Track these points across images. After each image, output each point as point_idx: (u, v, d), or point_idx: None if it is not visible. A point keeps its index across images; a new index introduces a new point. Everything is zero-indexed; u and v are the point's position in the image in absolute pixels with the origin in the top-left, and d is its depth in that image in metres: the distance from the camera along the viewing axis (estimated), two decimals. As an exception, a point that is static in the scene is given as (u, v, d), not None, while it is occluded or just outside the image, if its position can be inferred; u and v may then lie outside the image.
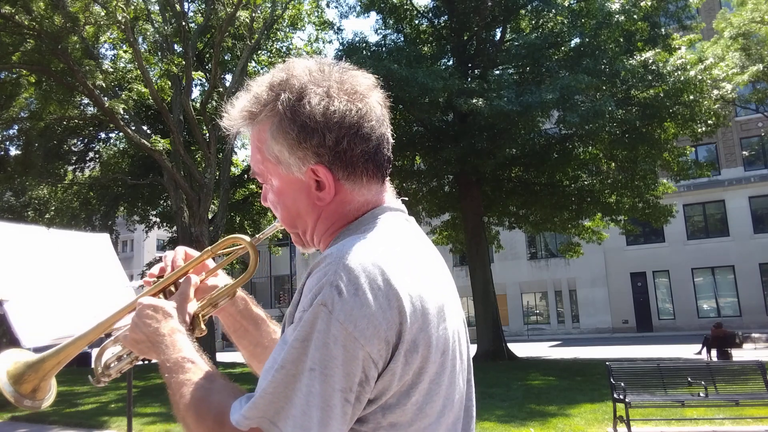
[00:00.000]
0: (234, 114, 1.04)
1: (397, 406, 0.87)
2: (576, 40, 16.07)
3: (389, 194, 1.06)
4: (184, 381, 0.95)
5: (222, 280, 1.25)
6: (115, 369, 1.21)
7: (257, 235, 1.20)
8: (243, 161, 26.49)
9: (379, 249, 0.90)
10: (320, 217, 1.02)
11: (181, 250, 1.22)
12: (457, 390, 0.97)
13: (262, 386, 0.85)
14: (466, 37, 17.78)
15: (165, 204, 22.86)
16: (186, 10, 18.28)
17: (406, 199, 1.13)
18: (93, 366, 1.23)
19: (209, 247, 1.20)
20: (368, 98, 0.99)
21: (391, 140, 1.05)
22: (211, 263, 1.24)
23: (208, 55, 20.10)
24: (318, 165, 0.96)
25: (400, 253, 0.93)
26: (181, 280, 1.17)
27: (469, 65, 17.56)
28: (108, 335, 1.22)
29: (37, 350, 1.16)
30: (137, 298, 1.13)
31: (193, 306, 1.13)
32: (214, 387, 0.93)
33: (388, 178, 1.06)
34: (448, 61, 18.34)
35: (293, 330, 0.85)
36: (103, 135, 23.17)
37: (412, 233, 1.02)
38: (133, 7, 15.49)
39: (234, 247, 1.20)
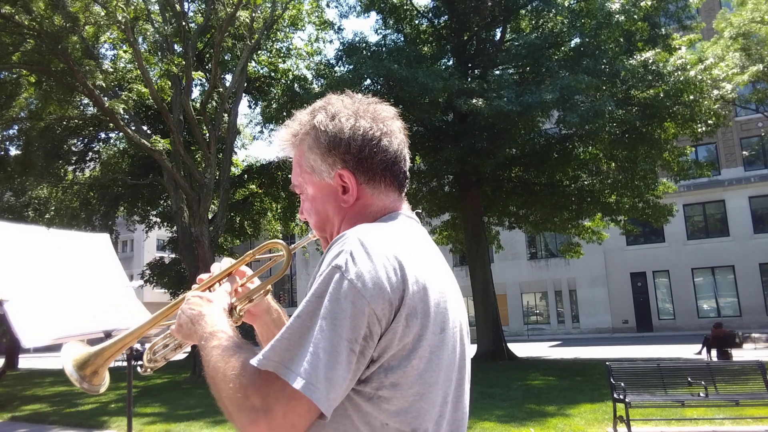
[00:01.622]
0: (282, 136, 1.25)
1: (398, 368, 0.98)
2: (576, 40, 16.06)
3: (405, 205, 1.23)
4: (216, 345, 1.07)
5: (257, 284, 1.41)
6: (161, 356, 1.37)
7: (294, 244, 1.37)
8: (243, 161, 26.50)
9: (391, 233, 1.07)
10: (345, 218, 1.18)
11: (227, 259, 1.39)
12: (456, 374, 1.09)
13: (280, 333, 0.97)
14: (466, 37, 17.78)
15: (165, 204, 22.85)
16: (186, 10, 18.27)
17: (420, 211, 1.27)
18: (143, 359, 1.38)
19: (250, 252, 1.37)
20: (389, 122, 1.19)
21: (409, 161, 1.23)
22: (248, 271, 1.40)
23: (208, 55, 20.09)
24: (344, 169, 1.15)
25: (410, 242, 1.08)
26: (225, 280, 1.34)
27: (469, 65, 17.56)
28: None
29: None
30: (187, 293, 1.28)
31: (232, 298, 1.29)
32: (242, 350, 1.04)
33: (404, 193, 1.23)
34: (448, 61, 18.34)
35: (311, 289, 0.99)
36: (103, 135, 23.15)
37: (421, 235, 1.17)
38: (133, 7, 15.48)
39: (273, 253, 1.37)
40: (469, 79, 15.49)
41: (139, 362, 1.39)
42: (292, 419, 0.92)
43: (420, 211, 1.28)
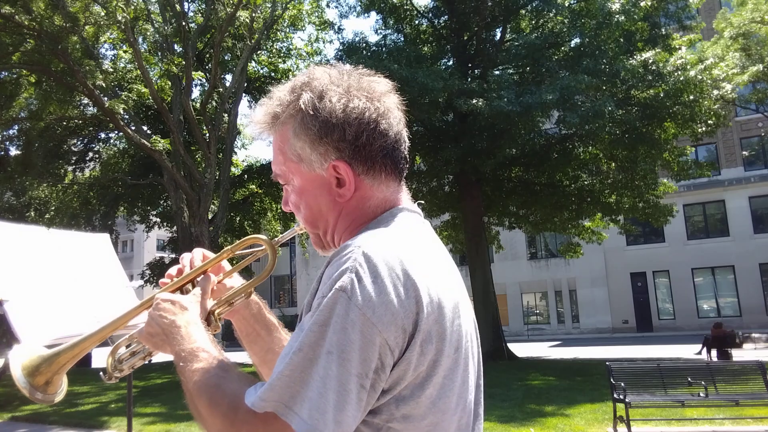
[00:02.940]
0: (258, 117, 1.07)
1: (411, 398, 0.88)
2: (576, 40, 16.06)
3: (406, 195, 1.08)
4: (197, 369, 0.95)
5: (237, 282, 1.27)
6: (127, 364, 1.22)
7: (277, 238, 1.22)
8: (243, 161, 26.51)
9: (398, 242, 0.94)
10: (341, 214, 1.04)
11: (198, 252, 1.23)
12: (469, 390, 0.99)
13: (278, 369, 0.85)
14: (466, 37, 17.77)
15: (165, 204, 22.86)
16: (186, 10, 18.28)
17: (422, 202, 1.16)
18: (106, 364, 1.23)
19: (229, 247, 1.21)
20: (386, 99, 1.03)
21: (407, 141, 1.08)
22: (227, 265, 1.25)
23: (208, 55, 20.10)
24: (339, 161, 0.99)
25: (418, 249, 0.95)
26: (198, 279, 1.18)
27: (469, 65, 17.56)
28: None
29: (48, 346, 1.17)
30: (155, 294, 1.13)
31: (209, 303, 1.15)
32: (228, 375, 0.93)
33: (404, 181, 1.09)
34: (448, 61, 18.33)
35: (311, 315, 0.86)
36: (103, 135, 23.18)
37: (427, 234, 1.04)
38: (133, 7, 15.49)
39: (254, 248, 1.22)
40: (469, 79, 15.48)
41: (101, 369, 1.25)
42: None
43: (423, 202, 1.14)
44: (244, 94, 20.32)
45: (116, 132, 20.87)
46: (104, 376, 1.22)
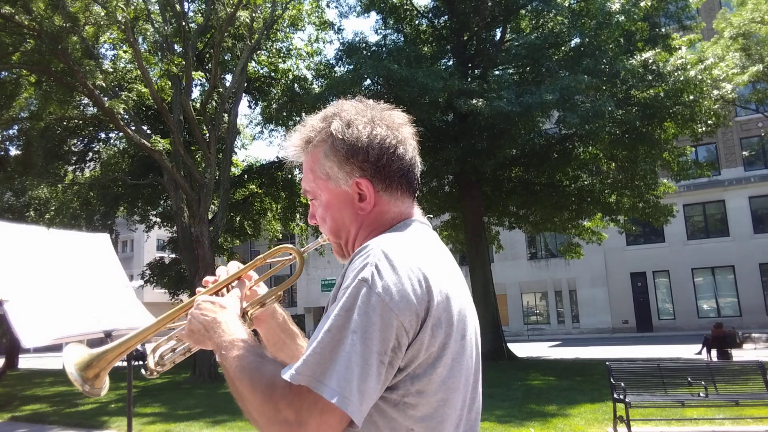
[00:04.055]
0: (294, 142, 1.24)
1: (424, 376, 1.02)
2: (576, 40, 16.06)
3: (418, 210, 1.25)
4: (237, 356, 1.07)
5: (262, 291, 1.41)
6: (169, 360, 1.35)
7: (305, 247, 1.38)
8: (243, 161, 26.51)
9: (411, 242, 1.10)
10: (362, 225, 1.20)
11: (233, 263, 1.38)
12: (473, 377, 1.13)
13: (311, 347, 0.98)
14: (466, 37, 17.77)
15: (165, 204, 22.85)
16: (186, 10, 18.27)
17: (431, 216, 1.26)
18: (147, 360, 1.36)
19: (261, 255, 1.38)
20: (403, 129, 1.21)
21: (420, 166, 1.25)
22: (255, 275, 1.38)
23: (208, 55, 20.09)
24: (362, 178, 1.16)
25: (428, 250, 1.11)
26: (233, 284, 1.33)
27: (469, 65, 17.56)
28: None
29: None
30: (194, 297, 1.26)
31: (243, 303, 1.29)
32: (265, 360, 1.06)
33: (416, 198, 1.26)
34: (448, 61, 18.33)
35: (338, 302, 1.00)
36: (103, 135, 23.14)
37: (435, 242, 1.19)
38: (133, 7, 15.48)
39: (284, 257, 1.38)
40: (469, 80, 15.48)
41: (143, 364, 1.38)
42: (325, 431, 0.94)
43: (431, 216, 1.28)
44: (244, 94, 20.32)
45: (116, 132, 20.86)
46: (146, 371, 1.36)
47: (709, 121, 16.03)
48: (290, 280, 1.34)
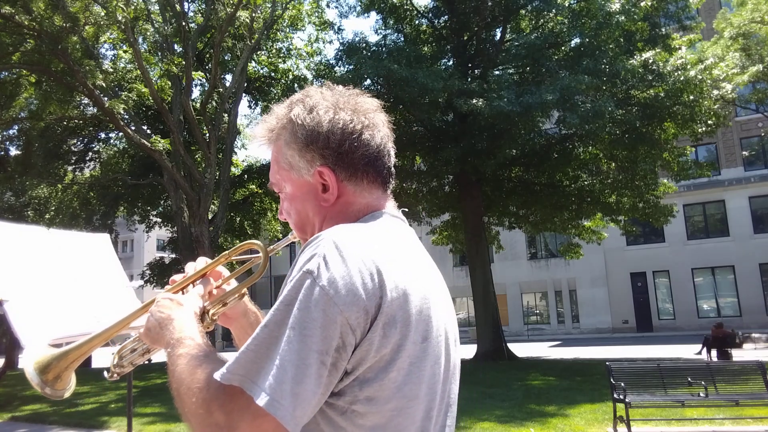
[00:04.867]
0: (259, 132, 1.16)
1: (374, 381, 0.91)
2: (576, 40, 16.05)
3: (390, 203, 1.14)
4: (180, 354, 1.00)
5: (233, 286, 1.33)
6: (128, 360, 1.28)
7: (273, 246, 1.27)
8: (243, 161, 26.51)
9: (369, 234, 0.99)
10: (326, 218, 1.10)
11: (201, 259, 1.31)
12: (440, 386, 1.02)
13: (246, 344, 0.90)
14: (466, 37, 17.77)
15: (165, 204, 22.87)
16: (186, 10, 18.28)
17: (407, 210, 1.21)
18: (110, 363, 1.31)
19: (226, 252, 1.29)
20: (371, 115, 1.10)
21: (393, 157, 1.15)
22: (225, 272, 1.31)
23: (208, 55, 20.10)
24: (323, 167, 1.07)
25: (389, 243, 1.00)
26: (198, 282, 1.26)
27: (469, 65, 17.55)
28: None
29: (51, 346, 1.23)
30: (157, 296, 1.20)
31: (204, 302, 1.21)
32: (208, 359, 0.97)
33: (390, 190, 1.15)
34: (448, 61, 18.32)
35: (280, 296, 0.91)
36: (103, 135, 23.18)
37: (406, 236, 1.09)
38: (133, 7, 15.48)
39: (251, 255, 1.31)
40: (469, 80, 15.48)
41: (106, 368, 1.31)
42: None
43: (407, 210, 1.19)
44: (244, 94, 20.34)
45: (116, 132, 20.87)
46: (107, 374, 1.29)
47: (709, 121, 16.02)
48: (252, 277, 1.23)
